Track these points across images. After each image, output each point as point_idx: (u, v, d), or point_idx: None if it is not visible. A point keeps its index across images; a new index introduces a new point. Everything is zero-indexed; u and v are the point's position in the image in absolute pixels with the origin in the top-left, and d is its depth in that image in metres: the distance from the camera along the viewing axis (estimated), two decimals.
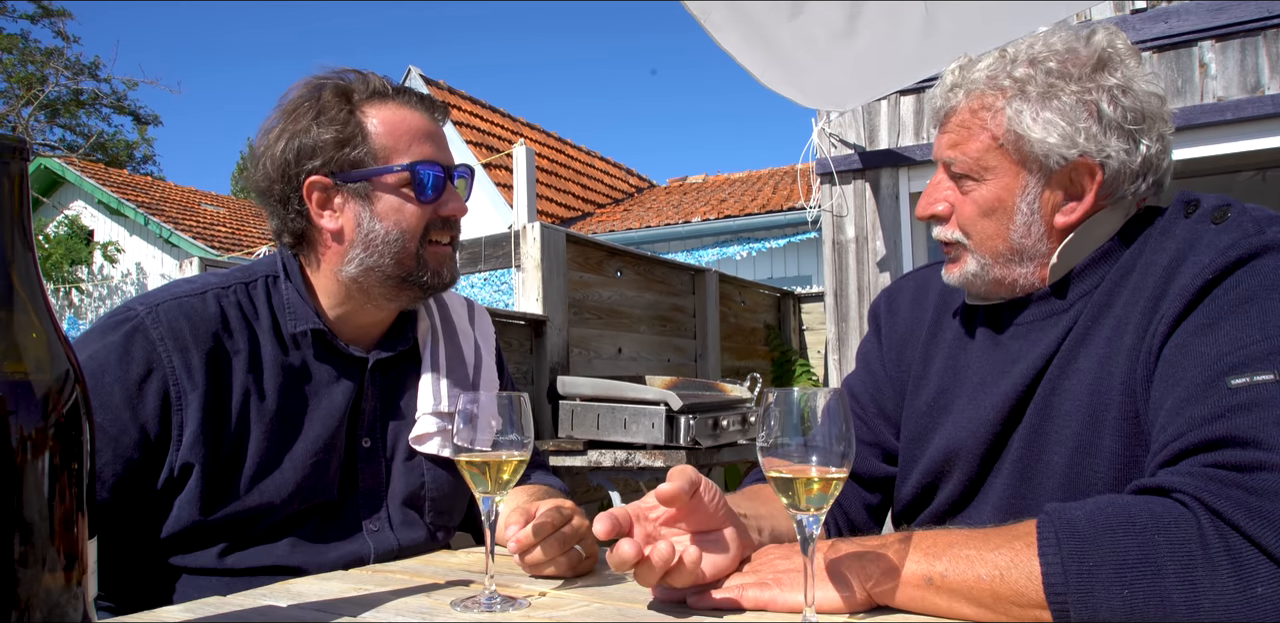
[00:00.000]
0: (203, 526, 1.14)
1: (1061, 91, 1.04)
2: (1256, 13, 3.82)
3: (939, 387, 1.20)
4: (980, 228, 1.10)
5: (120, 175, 15.74)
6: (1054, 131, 1.03)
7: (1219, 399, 0.84)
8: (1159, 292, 0.97)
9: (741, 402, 3.66)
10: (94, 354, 1.13)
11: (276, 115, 1.26)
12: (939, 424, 1.17)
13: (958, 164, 1.10)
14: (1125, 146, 1.04)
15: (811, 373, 6.04)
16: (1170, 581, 0.74)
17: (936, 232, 1.17)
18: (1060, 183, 1.06)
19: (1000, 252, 1.10)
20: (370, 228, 1.23)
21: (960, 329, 1.22)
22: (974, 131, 1.09)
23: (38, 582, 0.60)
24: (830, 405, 0.78)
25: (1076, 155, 1.04)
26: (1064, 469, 1.00)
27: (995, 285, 1.12)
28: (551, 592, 0.99)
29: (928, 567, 0.83)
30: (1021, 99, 1.05)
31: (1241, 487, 0.76)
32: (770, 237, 9.71)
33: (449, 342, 1.41)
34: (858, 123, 4.77)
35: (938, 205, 1.14)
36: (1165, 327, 0.93)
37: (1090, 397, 0.99)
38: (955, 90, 1.11)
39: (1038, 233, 1.08)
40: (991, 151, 1.08)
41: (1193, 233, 0.99)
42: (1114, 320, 1.01)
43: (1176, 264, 0.97)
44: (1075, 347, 1.04)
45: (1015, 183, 1.07)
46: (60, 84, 18.85)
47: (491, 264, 4.01)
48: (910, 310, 1.32)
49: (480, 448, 0.93)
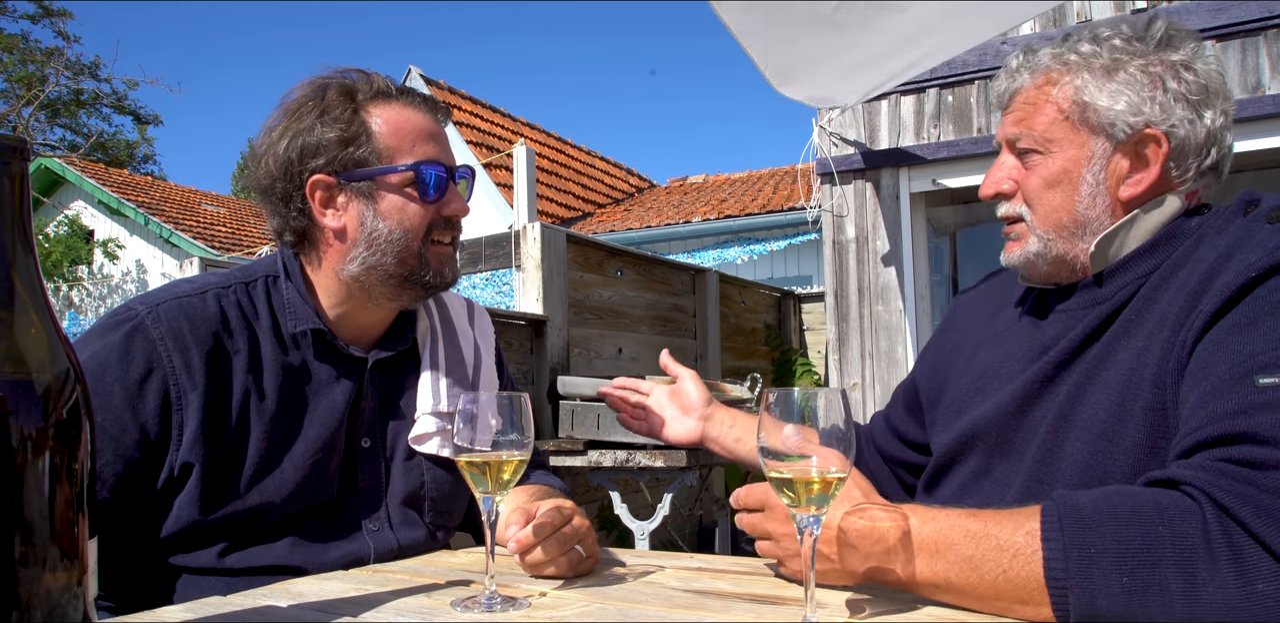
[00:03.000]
0: (203, 525, 1.14)
1: (1127, 65, 1.06)
2: (1257, 13, 3.82)
3: (981, 371, 1.20)
4: (1045, 199, 1.11)
5: (120, 175, 15.74)
6: (1120, 100, 1.05)
7: (1244, 396, 0.83)
8: (1201, 287, 0.96)
9: (742, 402, 3.66)
10: (94, 354, 1.13)
11: (279, 114, 1.26)
12: (972, 405, 1.18)
13: (1024, 139, 1.12)
14: (1190, 117, 1.05)
15: (814, 372, 6.04)
16: (1170, 571, 0.74)
17: (1001, 209, 1.17)
18: (1126, 153, 1.07)
19: (1064, 224, 1.10)
20: (373, 227, 1.23)
21: (1009, 317, 1.23)
22: (1039, 106, 1.11)
23: (38, 582, 0.60)
24: (830, 405, 0.78)
25: (1142, 124, 1.05)
26: (1085, 457, 1.00)
27: (1055, 265, 1.13)
28: (552, 592, 0.99)
29: (930, 573, 0.85)
30: (1088, 71, 1.07)
31: (1252, 483, 0.76)
32: (770, 237, 9.70)
33: (448, 342, 1.41)
34: (858, 122, 4.77)
35: (1003, 184, 1.15)
36: (1202, 322, 0.93)
37: (1122, 387, 0.99)
38: (1020, 71, 1.14)
39: (1103, 204, 1.09)
40: (1058, 124, 1.09)
41: (1246, 231, 0.99)
42: (1157, 314, 1.01)
43: (1223, 261, 0.97)
44: (1117, 338, 1.04)
45: (1081, 154, 1.09)
46: (60, 84, 18.87)
47: (492, 264, 4.01)
48: (969, 308, 1.36)
49: (480, 448, 0.93)
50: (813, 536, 0.80)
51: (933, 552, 0.85)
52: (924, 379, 1.35)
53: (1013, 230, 1.16)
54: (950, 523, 0.85)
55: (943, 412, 1.25)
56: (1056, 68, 1.10)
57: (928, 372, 1.35)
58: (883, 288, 4.61)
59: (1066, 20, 4.25)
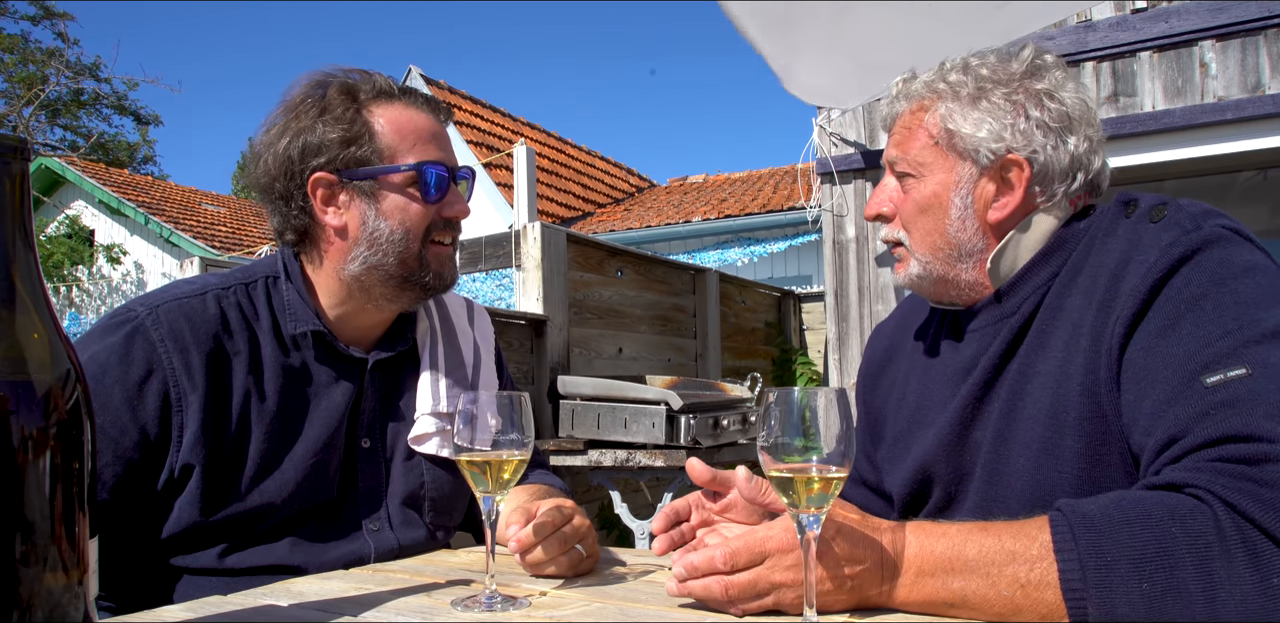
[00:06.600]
0: (203, 526, 1.14)
1: (991, 93, 1.11)
2: (1257, 12, 3.82)
3: (916, 402, 1.23)
4: (919, 224, 1.16)
5: (120, 175, 15.73)
6: (983, 127, 1.10)
7: (1200, 399, 0.85)
8: (1109, 293, 1.00)
9: (742, 401, 3.66)
10: (94, 355, 1.13)
11: (279, 112, 1.25)
12: (915, 439, 1.19)
13: (900, 163, 1.18)
14: (1051, 143, 1.09)
15: (814, 371, 6.04)
16: (1188, 573, 0.74)
17: (882, 233, 1.23)
18: (991, 177, 1.12)
19: (939, 247, 1.15)
20: (375, 226, 1.23)
21: (929, 343, 1.26)
22: (914, 131, 1.16)
23: (39, 581, 0.61)
24: (830, 405, 0.78)
25: (1004, 150, 1.10)
26: (1030, 471, 1.02)
27: (941, 285, 1.17)
28: (552, 591, 0.99)
29: (946, 592, 0.82)
30: (954, 99, 1.13)
31: (1253, 480, 0.77)
32: (770, 237, 9.70)
33: (448, 342, 1.41)
34: (858, 122, 4.77)
35: (883, 206, 1.21)
36: (1121, 328, 0.96)
37: (1052, 399, 1.01)
38: (899, 99, 1.20)
39: (972, 228, 1.13)
40: (928, 149, 1.15)
41: (1134, 232, 1.03)
42: (1068, 323, 1.04)
43: (1123, 264, 1.00)
44: (1033, 350, 1.07)
45: (949, 178, 1.13)
46: (61, 84, 18.87)
47: (492, 264, 4.01)
48: (890, 337, 1.38)
49: (481, 448, 0.93)
50: (814, 536, 0.79)
51: (947, 569, 0.82)
52: (864, 421, 1.37)
53: (895, 252, 1.21)
54: (963, 539, 0.83)
55: (889, 449, 1.26)
56: (928, 95, 1.15)
57: (865, 414, 1.37)
58: (883, 288, 4.61)
59: (1066, 20, 4.25)
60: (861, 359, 1.44)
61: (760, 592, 0.83)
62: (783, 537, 0.83)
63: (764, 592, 0.83)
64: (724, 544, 0.84)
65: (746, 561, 0.83)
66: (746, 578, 0.83)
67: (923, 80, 1.17)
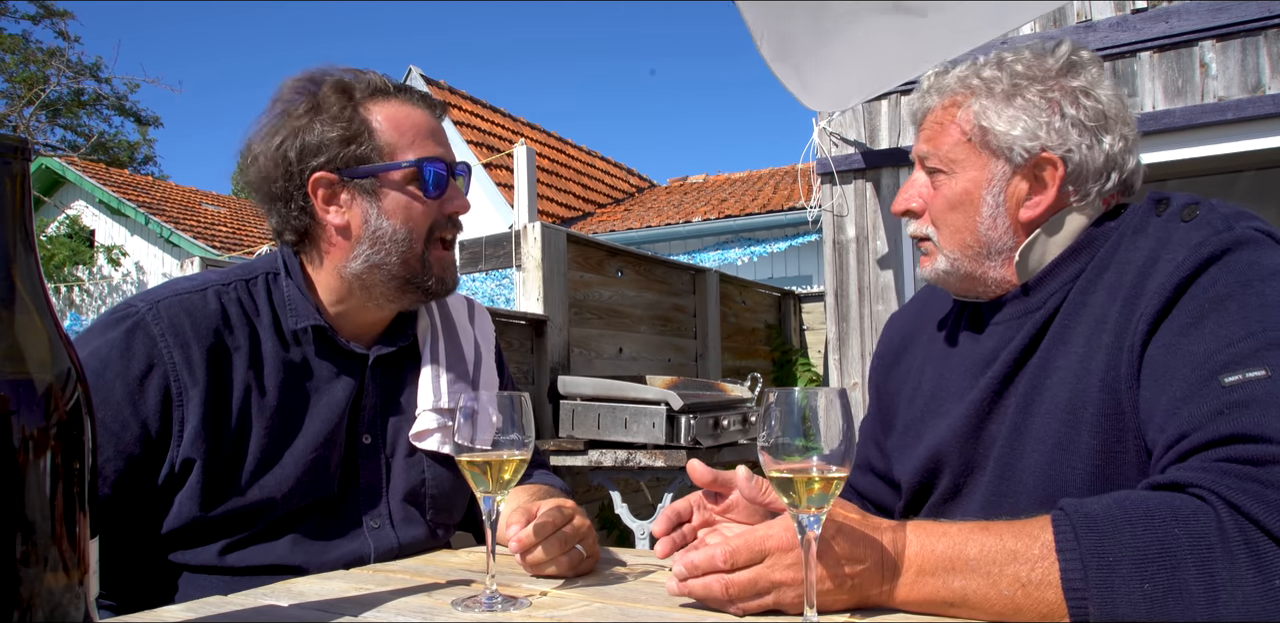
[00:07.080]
0: (203, 521, 1.14)
1: (1026, 90, 1.09)
2: (1257, 12, 3.82)
3: (931, 392, 1.22)
4: (949, 220, 1.14)
5: (121, 175, 15.73)
6: (1017, 125, 1.08)
7: (1216, 397, 0.84)
8: (1135, 290, 0.99)
9: (742, 401, 3.66)
10: (95, 351, 1.13)
11: (272, 112, 1.25)
12: (928, 427, 1.19)
13: (930, 159, 1.16)
14: (1087, 142, 1.08)
15: (814, 371, 6.04)
16: (1190, 573, 0.74)
17: (910, 228, 1.21)
18: (1025, 176, 1.10)
19: (968, 244, 1.13)
20: (378, 225, 1.23)
21: (948, 334, 1.25)
22: (946, 127, 1.14)
23: (40, 581, 0.61)
24: (831, 405, 0.78)
25: (1039, 148, 1.08)
26: (1043, 466, 1.01)
27: (967, 281, 1.16)
28: (553, 591, 0.99)
29: (946, 591, 0.81)
30: (989, 96, 1.11)
31: (1257, 480, 0.77)
32: (770, 237, 9.70)
33: (449, 339, 1.41)
34: (858, 122, 4.77)
35: (912, 202, 1.19)
36: (1145, 325, 0.95)
37: (1070, 394, 1.01)
38: (930, 93, 1.18)
39: (1003, 226, 1.12)
40: (961, 145, 1.13)
41: (1164, 231, 1.02)
42: (1091, 319, 1.03)
43: (1151, 263, 0.99)
44: (1054, 345, 1.06)
45: (982, 176, 1.12)
46: (61, 84, 18.87)
47: (492, 264, 4.01)
48: (908, 325, 1.36)
49: (481, 447, 0.93)
50: (815, 536, 0.79)
51: (948, 568, 0.81)
52: (875, 408, 1.36)
53: (922, 247, 1.20)
54: (964, 538, 0.83)
55: (900, 437, 1.26)
56: (961, 91, 1.13)
57: (877, 400, 1.36)
58: (883, 288, 4.62)
59: (1067, 21, 4.25)
60: (876, 345, 1.43)
61: (760, 591, 0.83)
62: (783, 535, 0.83)
63: (764, 591, 0.83)
64: (724, 543, 0.84)
65: (747, 559, 0.83)
66: (747, 576, 0.82)
67: (956, 75, 1.15)
